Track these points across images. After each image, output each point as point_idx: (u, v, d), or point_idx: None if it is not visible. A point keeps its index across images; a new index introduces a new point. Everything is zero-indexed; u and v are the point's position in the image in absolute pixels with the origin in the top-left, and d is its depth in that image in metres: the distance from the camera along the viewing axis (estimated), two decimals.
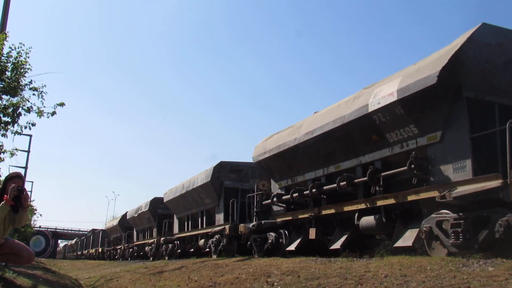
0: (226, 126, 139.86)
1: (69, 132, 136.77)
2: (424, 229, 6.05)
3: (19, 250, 5.15)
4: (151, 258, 19.64)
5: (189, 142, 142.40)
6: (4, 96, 7.39)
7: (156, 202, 20.80)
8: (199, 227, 15.28)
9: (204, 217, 14.95)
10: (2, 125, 7.42)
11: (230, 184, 13.44)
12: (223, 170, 13.51)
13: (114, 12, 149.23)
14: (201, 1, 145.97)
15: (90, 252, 40.22)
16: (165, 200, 18.57)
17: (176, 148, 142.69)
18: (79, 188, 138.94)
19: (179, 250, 16.87)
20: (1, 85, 7.34)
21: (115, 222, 30.19)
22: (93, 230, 42.88)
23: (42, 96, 7.68)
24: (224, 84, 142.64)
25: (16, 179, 5.13)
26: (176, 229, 18.10)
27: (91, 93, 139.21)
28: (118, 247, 28.94)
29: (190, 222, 16.53)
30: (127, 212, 26.54)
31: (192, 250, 15.79)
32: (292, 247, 9.15)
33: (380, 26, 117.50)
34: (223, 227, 12.65)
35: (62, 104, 7.82)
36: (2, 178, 11.91)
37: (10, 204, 4.79)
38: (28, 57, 7.64)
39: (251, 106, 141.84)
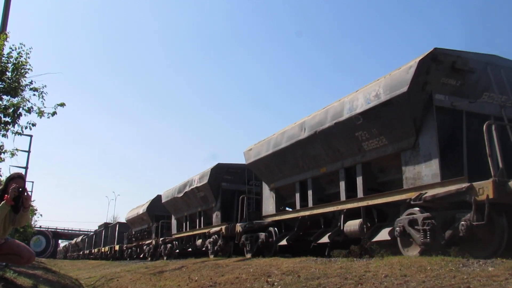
0: (226, 126, 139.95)
1: (69, 132, 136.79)
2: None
3: (20, 250, 5.17)
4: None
5: (189, 142, 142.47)
6: (4, 97, 7.40)
7: (220, 171, 13.77)
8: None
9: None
10: (3, 125, 7.43)
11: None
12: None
13: (115, 13, 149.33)
14: (201, 1, 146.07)
15: (102, 250, 33.16)
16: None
17: (176, 148, 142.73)
18: (79, 188, 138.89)
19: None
20: (2, 86, 7.35)
21: (141, 210, 22.81)
22: (106, 224, 36.58)
23: (42, 96, 7.69)
24: (224, 84, 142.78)
25: (18, 180, 5.15)
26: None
27: (91, 93, 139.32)
28: (147, 242, 21.53)
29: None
30: (159, 195, 20.52)
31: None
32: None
33: (380, 26, 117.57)
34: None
35: (62, 104, 7.83)
36: (3, 178, 11.96)
37: (10, 204, 4.81)
38: (29, 58, 7.65)
39: (251, 106, 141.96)
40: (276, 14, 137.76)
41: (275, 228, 10.25)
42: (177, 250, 16.92)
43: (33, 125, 7.75)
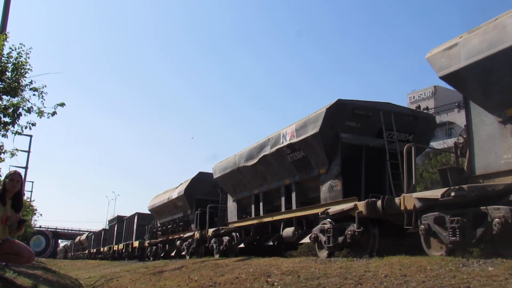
0: (226, 126, 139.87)
1: (69, 132, 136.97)
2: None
3: (19, 249, 5.18)
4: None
5: (189, 142, 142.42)
6: (4, 97, 7.38)
7: (340, 113, 8.60)
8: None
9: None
10: (2, 125, 7.42)
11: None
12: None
13: (115, 13, 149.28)
14: (201, 1, 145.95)
15: (115, 249, 27.75)
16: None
17: (176, 148, 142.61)
18: (79, 188, 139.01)
19: None
20: (2, 86, 7.33)
21: (174, 194, 16.82)
22: (120, 218, 29.62)
23: (42, 96, 7.67)
24: (224, 84, 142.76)
25: (14, 176, 5.25)
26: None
27: (91, 93, 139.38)
28: (186, 235, 15.52)
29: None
30: (201, 173, 15.92)
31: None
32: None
33: (380, 26, 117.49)
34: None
35: (62, 104, 7.82)
36: (2, 178, 11.96)
37: (4, 225, 4.99)
38: (29, 58, 7.63)
39: (251, 106, 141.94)
40: (276, 14, 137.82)
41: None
42: (241, 245, 11.82)
43: (33, 125, 7.74)
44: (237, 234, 12.06)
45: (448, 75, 6.11)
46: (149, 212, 21.67)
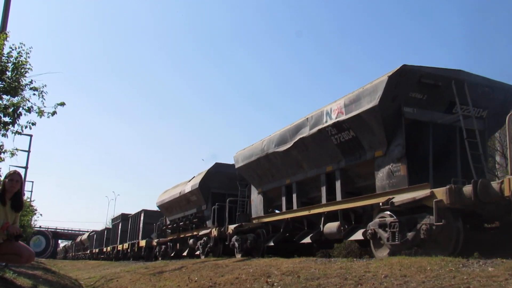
0: (226, 126, 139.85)
1: (69, 132, 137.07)
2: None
3: (19, 249, 5.18)
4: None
5: (189, 142, 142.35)
6: (4, 96, 7.38)
7: (405, 80, 7.04)
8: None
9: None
10: (2, 125, 7.42)
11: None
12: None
13: (115, 12, 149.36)
14: (201, 1, 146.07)
15: (119, 248, 26.43)
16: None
17: (176, 148, 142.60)
18: (79, 188, 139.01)
19: None
20: (2, 85, 7.33)
21: (187, 188, 15.07)
22: (124, 216, 27.57)
23: (42, 96, 7.66)
24: (224, 84, 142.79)
25: (13, 176, 5.25)
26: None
27: (91, 93, 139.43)
28: (201, 233, 13.96)
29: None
30: (217, 164, 14.33)
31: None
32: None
33: (380, 26, 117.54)
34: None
35: (62, 104, 7.81)
36: (2, 178, 11.96)
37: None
38: (29, 57, 7.63)
39: (251, 106, 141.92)
40: (276, 14, 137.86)
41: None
42: (270, 243, 10.31)
43: (33, 124, 7.73)
44: (264, 231, 10.75)
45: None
46: (156, 209, 20.48)
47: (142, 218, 22.59)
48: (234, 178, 12.75)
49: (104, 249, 32.05)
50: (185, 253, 15.66)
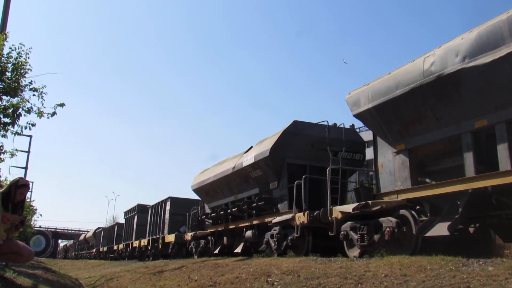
0: (226, 126, 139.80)
1: (69, 132, 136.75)
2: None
3: (19, 249, 5.21)
4: None
5: (189, 142, 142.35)
6: (4, 97, 7.39)
7: None
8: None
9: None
10: (2, 125, 7.42)
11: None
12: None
13: (114, 13, 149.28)
14: (201, 1, 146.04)
15: (135, 245, 22.11)
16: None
17: (176, 148, 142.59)
18: (79, 188, 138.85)
19: None
20: (1, 86, 7.34)
21: (247, 159, 10.89)
22: (141, 207, 23.26)
23: (42, 96, 7.67)
24: (224, 84, 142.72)
25: (24, 189, 5.26)
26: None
27: (91, 94, 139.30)
28: (277, 219, 9.37)
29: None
30: (295, 122, 9.93)
31: None
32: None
33: (380, 26, 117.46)
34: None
35: (62, 105, 7.82)
36: (2, 178, 11.97)
37: (4, 223, 5.02)
38: (28, 58, 7.63)
39: (251, 106, 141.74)
40: (276, 14, 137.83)
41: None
42: (441, 232, 5.98)
43: (33, 125, 7.74)
44: (413, 212, 6.46)
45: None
46: (185, 197, 17.73)
47: (168, 207, 17.99)
48: (319, 142, 9.44)
49: (115, 247, 27.84)
50: (238, 249, 11.71)
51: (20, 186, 5.24)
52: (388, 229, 6.55)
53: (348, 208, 7.35)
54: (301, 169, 9.56)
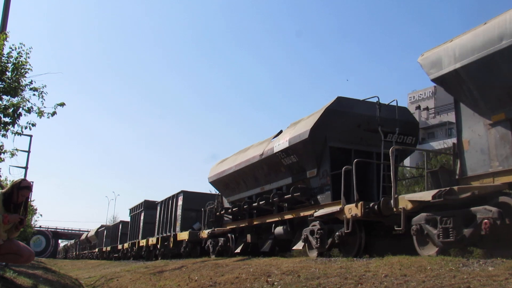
0: (226, 126, 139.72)
1: (69, 132, 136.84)
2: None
3: (19, 249, 5.21)
4: None
5: (189, 142, 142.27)
6: (4, 97, 7.41)
7: None
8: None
9: None
10: (2, 125, 7.44)
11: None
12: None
13: (115, 13, 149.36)
14: (201, 1, 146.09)
15: (141, 244, 20.65)
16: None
17: (176, 148, 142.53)
18: (79, 188, 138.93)
19: None
20: (2, 86, 7.36)
21: (278, 144, 9.44)
22: (148, 204, 21.84)
23: (42, 96, 7.71)
24: (224, 84, 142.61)
25: (26, 191, 5.26)
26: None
27: (91, 94, 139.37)
28: (319, 213, 7.97)
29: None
30: (339, 99, 8.38)
31: None
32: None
33: (380, 26, 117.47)
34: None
35: (62, 104, 7.84)
36: (3, 178, 11.99)
37: (5, 224, 5.01)
38: (29, 58, 7.66)
39: (251, 106, 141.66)
40: (276, 14, 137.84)
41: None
42: None
43: (33, 125, 7.76)
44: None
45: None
46: (198, 191, 16.69)
47: (180, 202, 16.48)
48: (367, 123, 8.33)
49: (119, 246, 26.32)
50: (266, 248, 10.47)
51: (22, 188, 5.22)
52: (486, 220, 5.07)
53: (425, 196, 5.84)
54: (345, 155, 8.24)
